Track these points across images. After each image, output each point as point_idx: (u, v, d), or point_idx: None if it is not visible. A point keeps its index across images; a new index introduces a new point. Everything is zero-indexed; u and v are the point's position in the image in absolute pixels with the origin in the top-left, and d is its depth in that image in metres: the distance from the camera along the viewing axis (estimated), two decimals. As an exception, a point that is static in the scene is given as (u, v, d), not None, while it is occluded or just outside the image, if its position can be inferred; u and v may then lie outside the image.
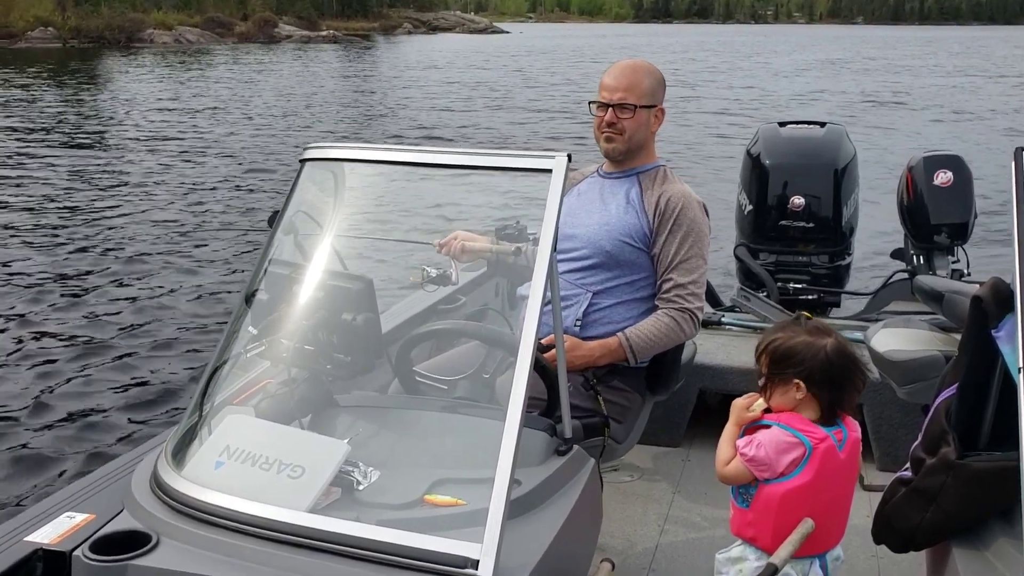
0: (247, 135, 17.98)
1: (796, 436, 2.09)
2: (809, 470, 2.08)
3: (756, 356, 2.20)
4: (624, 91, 2.82)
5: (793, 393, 2.12)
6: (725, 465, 2.16)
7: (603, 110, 2.85)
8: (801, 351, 2.11)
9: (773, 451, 2.09)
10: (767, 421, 2.15)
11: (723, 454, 2.17)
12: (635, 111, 2.83)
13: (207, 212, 11.33)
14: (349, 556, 1.75)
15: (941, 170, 4.78)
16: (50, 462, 5.00)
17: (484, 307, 3.44)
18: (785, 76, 35.80)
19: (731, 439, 2.19)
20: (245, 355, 2.24)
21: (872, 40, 77.25)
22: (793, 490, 2.09)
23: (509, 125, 20.03)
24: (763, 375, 2.17)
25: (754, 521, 2.14)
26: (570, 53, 51.96)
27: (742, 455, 2.12)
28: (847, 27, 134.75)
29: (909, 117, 22.15)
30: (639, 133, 2.86)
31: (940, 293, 3.16)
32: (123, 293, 8.02)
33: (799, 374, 2.11)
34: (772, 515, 2.11)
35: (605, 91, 2.85)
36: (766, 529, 2.12)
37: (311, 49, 51.08)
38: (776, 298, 4.60)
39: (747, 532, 2.17)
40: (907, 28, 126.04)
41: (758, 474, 2.10)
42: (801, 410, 2.13)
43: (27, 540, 1.94)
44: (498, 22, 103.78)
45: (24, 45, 43.72)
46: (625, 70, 2.87)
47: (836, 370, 2.10)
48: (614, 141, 2.86)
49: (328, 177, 2.57)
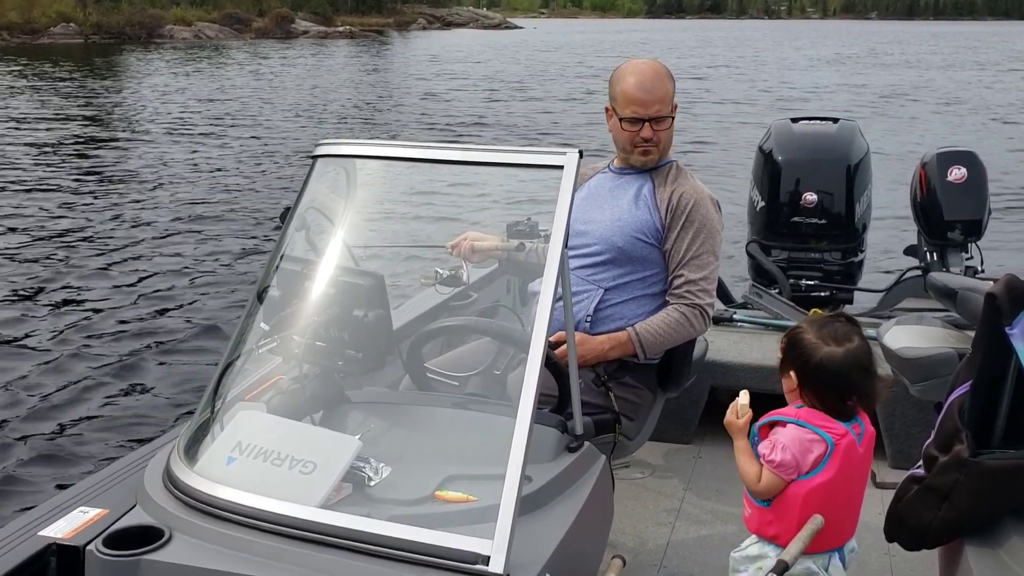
0: (263, 130, 18.02)
1: (817, 433, 2.09)
2: (832, 466, 2.08)
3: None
4: (659, 103, 2.77)
5: (789, 383, 2.16)
6: (756, 482, 2.12)
7: (635, 124, 2.78)
8: (803, 346, 2.13)
9: (798, 451, 2.08)
10: (784, 418, 2.14)
11: (749, 472, 2.13)
12: (671, 122, 2.82)
13: (220, 207, 11.36)
14: (360, 552, 1.75)
15: (955, 166, 4.74)
16: (64, 457, 5.03)
17: (495, 303, 3.44)
18: (799, 71, 35.68)
19: (747, 453, 2.16)
20: (257, 351, 2.25)
21: (886, 35, 76.86)
22: (816, 487, 2.08)
23: (525, 121, 20.00)
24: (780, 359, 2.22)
25: (776, 519, 2.12)
26: (591, 49, 51.79)
27: (769, 462, 2.09)
28: (861, 22, 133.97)
29: (923, 113, 22.04)
30: (670, 140, 2.87)
31: (953, 290, 3.14)
32: (136, 288, 8.06)
33: (794, 365, 2.14)
34: (796, 513, 2.09)
35: (637, 106, 2.76)
36: (790, 527, 2.10)
37: (327, 45, 51.22)
38: (788, 295, 4.58)
39: (768, 531, 2.15)
40: (921, 23, 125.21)
41: (787, 477, 2.09)
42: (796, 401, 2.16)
43: (41, 534, 1.95)
44: (510, 17, 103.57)
45: (47, 41, 44.09)
46: (652, 80, 2.78)
47: (829, 376, 2.09)
48: (651, 154, 2.82)
49: (340, 173, 2.58)
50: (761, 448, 2.13)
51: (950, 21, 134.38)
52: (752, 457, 2.14)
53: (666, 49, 50.39)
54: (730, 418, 2.20)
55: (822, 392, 2.11)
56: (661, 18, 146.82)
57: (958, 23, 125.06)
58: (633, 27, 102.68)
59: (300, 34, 57.67)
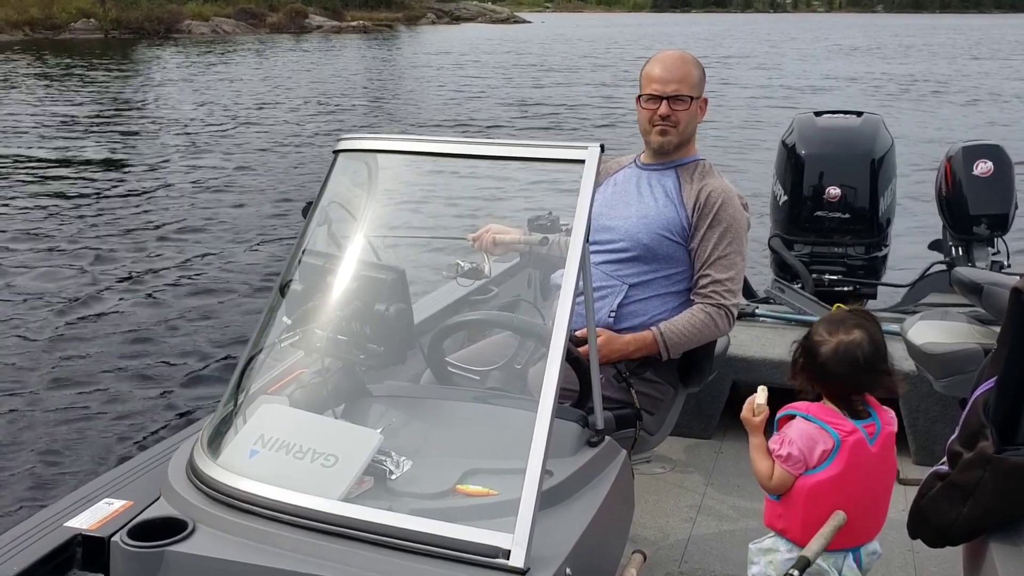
0: (282, 125, 18.09)
1: (824, 428, 2.09)
2: (838, 463, 2.08)
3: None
4: (678, 83, 2.78)
5: (797, 376, 2.18)
6: (769, 478, 2.14)
7: (654, 102, 2.80)
8: (808, 340, 2.16)
9: (804, 445, 2.09)
10: (793, 411, 2.15)
11: (762, 468, 2.15)
12: (690, 102, 2.81)
13: (242, 201, 11.43)
14: (381, 545, 1.76)
15: (981, 160, 4.69)
16: (89, 450, 5.08)
17: (516, 298, 3.45)
18: (816, 64, 35.39)
19: (761, 449, 2.17)
20: (279, 345, 2.26)
21: (895, 28, 76.08)
22: (821, 483, 2.08)
23: (545, 116, 19.97)
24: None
25: (784, 513, 2.15)
26: (604, 43, 51.62)
27: (777, 457, 2.11)
28: (867, 15, 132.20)
29: (948, 106, 21.81)
30: (691, 124, 2.85)
31: (979, 285, 3.11)
32: (159, 282, 8.12)
33: (802, 360, 2.16)
34: (800, 507, 2.11)
35: (656, 83, 2.80)
36: (795, 521, 2.13)
37: (341, 39, 51.42)
38: (811, 290, 4.56)
39: (778, 524, 2.18)
40: (928, 16, 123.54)
41: (794, 471, 2.10)
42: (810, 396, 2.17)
43: (67, 525, 1.97)
44: (516, 11, 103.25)
45: (68, 36, 44.61)
46: (676, 61, 2.82)
47: (826, 369, 2.11)
48: (668, 134, 2.82)
49: (361, 168, 2.58)
50: (771, 443, 2.15)
51: (957, 14, 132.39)
52: (766, 454, 2.16)
53: (680, 42, 50.08)
54: (746, 415, 2.21)
55: (826, 387, 2.13)
56: (667, 12, 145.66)
57: (965, 16, 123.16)
58: (641, 21, 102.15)
59: (314, 29, 57.93)
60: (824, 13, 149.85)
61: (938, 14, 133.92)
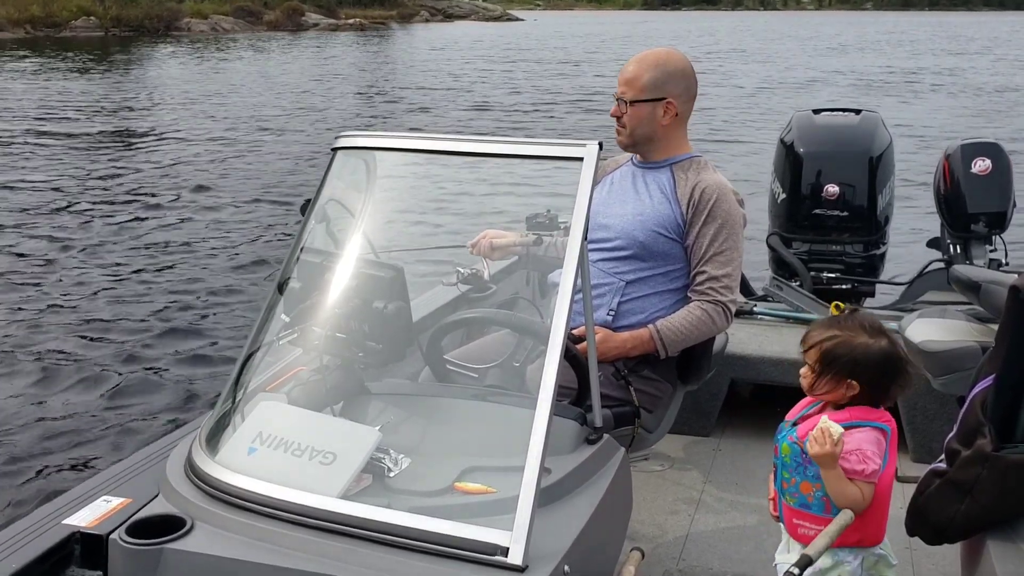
0: (281, 122, 18.07)
1: (878, 427, 2.08)
2: (892, 453, 2.09)
3: (804, 349, 2.15)
4: (624, 85, 2.83)
5: (844, 390, 2.09)
6: (863, 500, 2.04)
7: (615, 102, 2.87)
8: (857, 352, 2.07)
9: (878, 450, 2.06)
10: (845, 423, 2.07)
11: (852, 494, 2.03)
12: (629, 106, 2.81)
13: (240, 198, 11.41)
14: (379, 542, 1.76)
15: (979, 158, 4.69)
16: (87, 447, 5.08)
17: (515, 296, 3.45)
18: (811, 58, 35.38)
19: (843, 479, 2.04)
20: (278, 342, 2.26)
21: (886, 25, 76.04)
22: (886, 476, 2.08)
23: (540, 113, 19.96)
24: (813, 370, 2.12)
25: (859, 524, 2.06)
26: (596, 41, 51.57)
27: (866, 478, 2.03)
28: (857, 13, 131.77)
29: (947, 104, 21.81)
30: (641, 127, 2.83)
31: (977, 283, 3.11)
32: (157, 279, 8.12)
33: (853, 374, 2.08)
34: (880, 509, 2.08)
35: (618, 84, 2.87)
36: (873, 525, 2.09)
37: (337, 37, 51.49)
38: (809, 287, 4.56)
39: (852, 537, 2.06)
40: (917, 14, 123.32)
41: (875, 480, 2.06)
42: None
43: (65, 523, 1.97)
44: (508, 9, 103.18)
45: (68, 34, 44.72)
46: (633, 63, 2.85)
47: (888, 373, 2.08)
48: (619, 134, 2.89)
49: (360, 165, 2.58)
50: (851, 464, 2.04)
51: (946, 12, 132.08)
52: (847, 481, 2.04)
53: (671, 40, 50.11)
54: (826, 449, 2.00)
55: (877, 387, 2.09)
56: (657, 10, 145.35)
57: (954, 14, 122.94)
58: (634, 19, 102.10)
59: (311, 26, 58.05)
60: (813, 11, 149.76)
61: (927, 12, 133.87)
